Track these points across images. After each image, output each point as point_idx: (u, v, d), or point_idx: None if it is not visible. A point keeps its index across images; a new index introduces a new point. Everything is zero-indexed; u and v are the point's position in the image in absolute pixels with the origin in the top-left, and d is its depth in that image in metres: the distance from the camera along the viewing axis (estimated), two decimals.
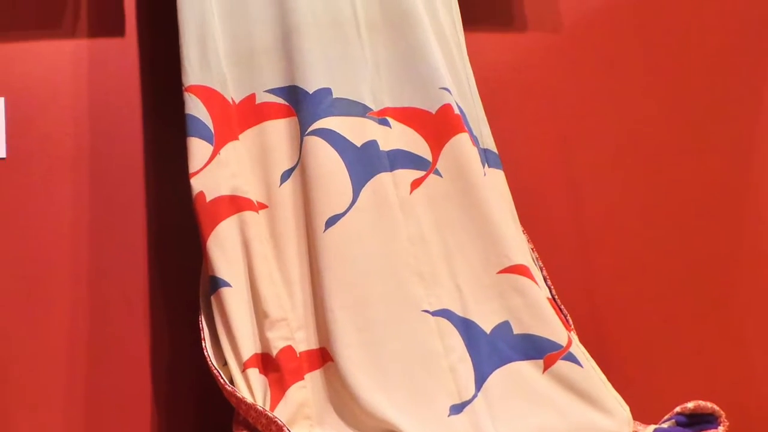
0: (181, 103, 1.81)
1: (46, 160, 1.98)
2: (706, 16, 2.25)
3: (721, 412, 1.56)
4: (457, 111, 1.87)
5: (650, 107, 2.28)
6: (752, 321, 2.26)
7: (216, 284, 1.68)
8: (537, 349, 1.73)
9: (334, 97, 1.84)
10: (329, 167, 1.77)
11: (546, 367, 1.71)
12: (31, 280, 1.92)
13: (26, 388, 1.88)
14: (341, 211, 1.75)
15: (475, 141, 1.89)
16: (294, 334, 1.70)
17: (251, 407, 1.57)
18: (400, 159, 1.86)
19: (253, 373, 1.64)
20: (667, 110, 2.29)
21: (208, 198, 1.73)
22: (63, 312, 1.91)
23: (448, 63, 1.94)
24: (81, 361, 1.91)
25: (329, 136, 1.80)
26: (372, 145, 1.83)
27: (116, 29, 2.07)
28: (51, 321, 1.91)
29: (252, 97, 1.87)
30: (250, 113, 1.86)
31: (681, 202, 2.25)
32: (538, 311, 1.74)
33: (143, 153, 2.04)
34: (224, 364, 1.65)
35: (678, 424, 1.59)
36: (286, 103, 1.85)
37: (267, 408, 1.60)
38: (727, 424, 1.55)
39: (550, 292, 1.85)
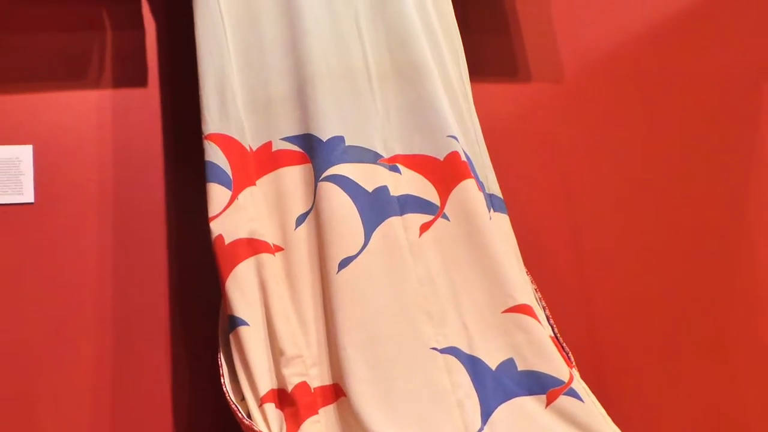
0: (201, 151, 1.85)
1: (72, 204, 2.01)
2: (702, 70, 2.29)
3: None
4: (464, 158, 1.90)
5: (648, 155, 2.29)
6: (745, 361, 2.26)
7: (234, 323, 1.70)
8: (540, 384, 1.74)
9: (346, 144, 1.87)
10: (342, 212, 1.80)
11: (549, 402, 1.73)
12: (58, 319, 1.94)
13: (52, 425, 1.89)
14: (353, 254, 1.77)
15: (481, 186, 1.91)
16: (309, 370, 1.71)
17: None
18: (410, 204, 1.88)
19: (270, 407, 1.65)
20: (665, 158, 2.30)
21: (227, 241, 1.75)
22: (88, 350, 1.93)
23: (456, 112, 1.98)
24: (105, 396, 1.92)
25: (342, 181, 1.82)
26: (383, 190, 1.85)
27: (139, 80, 2.13)
28: (76, 358, 1.92)
29: (269, 144, 1.89)
30: (267, 160, 1.88)
31: (678, 246, 2.26)
32: (541, 349, 1.76)
33: (165, 198, 2.07)
34: (242, 399, 1.67)
35: None
36: (301, 151, 1.88)
37: None
38: None
39: (553, 330, 1.87)
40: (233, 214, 1.78)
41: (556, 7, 2.40)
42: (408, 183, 1.91)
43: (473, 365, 1.78)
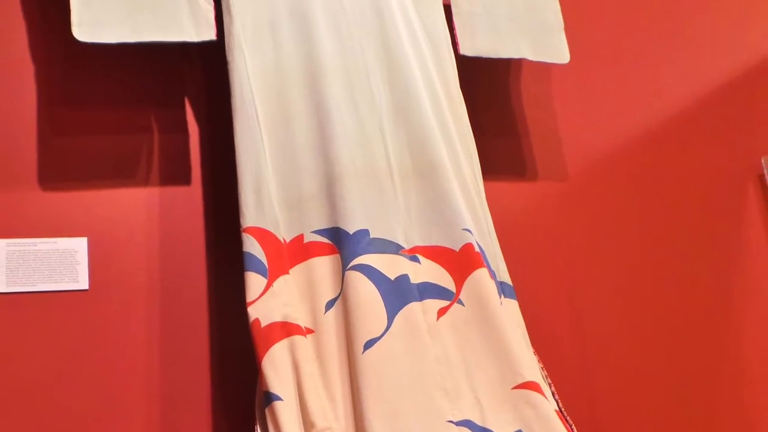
0: (239, 242, 1.91)
1: (123, 291, 2.05)
2: (693, 169, 2.32)
3: None
4: (477, 249, 1.97)
5: (644, 246, 2.33)
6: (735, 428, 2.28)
7: (270, 398, 1.75)
8: None
9: (371, 237, 1.94)
10: (367, 297, 1.87)
11: None
12: (110, 394, 1.96)
13: None
14: (377, 336, 1.84)
15: (492, 275, 1.99)
16: None
17: None
18: (429, 290, 1.94)
19: None
20: (659, 249, 2.33)
21: (263, 324, 1.82)
22: (137, 423, 1.96)
23: (470, 207, 2.05)
24: None
25: (367, 270, 1.89)
26: (404, 278, 1.92)
27: (183, 179, 2.18)
28: None
29: (300, 237, 1.96)
30: (299, 251, 1.94)
31: (671, 328, 2.28)
32: (547, 422, 1.82)
33: (207, 285, 2.11)
34: None
35: None
36: (330, 242, 1.95)
37: None
38: None
39: (558, 405, 1.92)
40: (269, 300, 1.84)
41: (560, 114, 2.47)
42: (427, 272, 1.96)
43: None
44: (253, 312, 1.83)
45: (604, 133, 2.47)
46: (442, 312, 1.93)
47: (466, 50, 2.31)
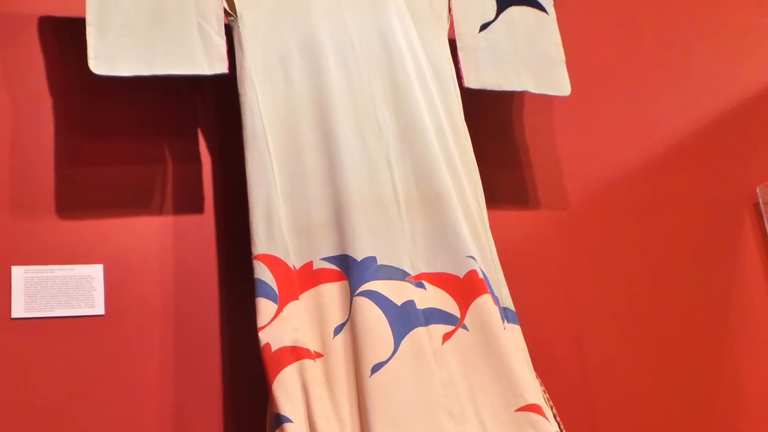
0: (250, 269, 1.93)
1: (137, 316, 2.08)
2: (690, 199, 2.33)
3: None
4: (481, 275, 1.99)
5: (644, 273, 2.34)
6: None
7: (280, 420, 1.75)
8: None
9: (378, 264, 1.95)
10: (374, 323, 1.88)
11: None
12: (125, 419, 1.99)
13: None
14: (384, 360, 1.85)
15: (496, 301, 2.00)
16: None
17: None
18: (434, 316, 1.96)
19: None
20: (658, 276, 2.34)
21: (273, 348, 1.84)
22: None
23: (474, 235, 2.07)
24: None
25: (374, 296, 1.91)
26: (410, 304, 1.94)
27: (196, 207, 2.20)
28: None
29: (310, 264, 1.98)
30: (309, 277, 1.96)
31: (670, 352, 2.29)
32: None
33: (219, 310, 2.13)
34: None
35: None
36: (339, 269, 1.96)
37: None
38: None
39: (559, 427, 1.93)
40: (279, 325, 1.87)
41: (561, 144, 2.50)
42: (432, 297, 1.98)
43: None
44: (264, 336, 1.86)
45: (603, 163, 2.48)
46: (447, 337, 1.95)
47: (470, 83, 2.34)
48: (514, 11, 2.47)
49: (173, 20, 2.08)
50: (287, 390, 1.80)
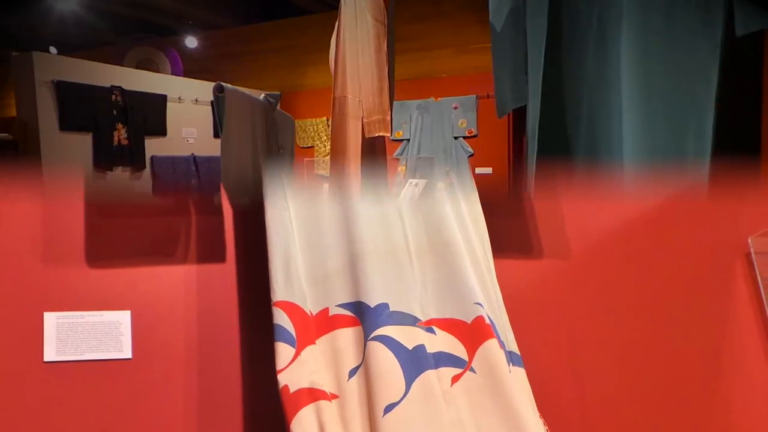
0: (270, 315, 1.98)
1: (163, 360, 2.12)
2: (685, 249, 2.33)
3: None
4: (488, 321, 2.04)
5: (642, 319, 2.33)
6: None
7: None
8: None
9: (390, 310, 2.01)
10: (387, 366, 1.93)
11: None
12: None
13: None
14: (396, 401, 1.89)
15: (502, 345, 2.05)
16: None
17: None
18: (443, 359, 2.00)
19: None
20: (654, 321, 2.33)
21: (292, 390, 1.90)
22: None
23: (481, 283, 2.12)
24: None
25: (387, 341, 1.96)
26: (421, 348, 1.99)
27: (218, 257, 2.24)
28: None
29: (326, 310, 2.04)
30: (325, 323, 2.02)
31: (666, 395, 2.27)
32: None
33: (240, 354, 2.16)
34: None
35: None
36: (353, 315, 2.03)
37: None
38: None
39: None
40: (297, 368, 1.92)
41: (563, 199, 2.50)
42: (441, 342, 2.03)
43: None
44: (283, 379, 1.91)
45: (602, 215, 2.48)
46: (455, 379, 1.99)
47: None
48: None
49: None
50: (304, 429, 1.85)
